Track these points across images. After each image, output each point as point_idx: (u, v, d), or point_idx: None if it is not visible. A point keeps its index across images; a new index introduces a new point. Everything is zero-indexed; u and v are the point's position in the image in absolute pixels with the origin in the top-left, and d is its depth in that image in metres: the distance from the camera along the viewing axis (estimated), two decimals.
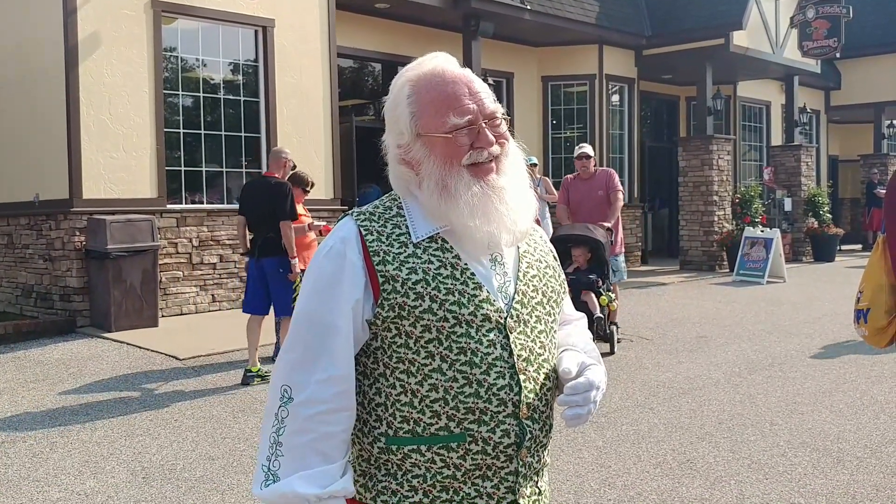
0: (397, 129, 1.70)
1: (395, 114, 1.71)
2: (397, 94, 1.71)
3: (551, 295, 1.80)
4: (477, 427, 1.63)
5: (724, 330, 9.67)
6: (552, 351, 1.76)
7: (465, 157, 1.66)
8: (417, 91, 1.68)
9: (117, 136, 9.64)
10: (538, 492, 1.75)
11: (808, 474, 4.95)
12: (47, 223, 9.83)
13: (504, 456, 1.65)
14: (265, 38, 10.86)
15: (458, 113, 1.65)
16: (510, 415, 1.64)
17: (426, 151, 1.67)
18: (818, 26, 17.64)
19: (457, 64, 1.73)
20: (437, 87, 1.67)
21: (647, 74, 17.27)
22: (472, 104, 1.67)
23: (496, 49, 14.70)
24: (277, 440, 1.63)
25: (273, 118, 10.91)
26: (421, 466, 1.64)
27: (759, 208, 16.38)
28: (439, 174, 1.66)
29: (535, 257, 1.81)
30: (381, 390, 1.66)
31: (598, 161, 15.87)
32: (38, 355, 8.21)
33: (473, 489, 1.65)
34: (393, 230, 1.68)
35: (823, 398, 6.67)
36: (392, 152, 1.73)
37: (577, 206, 9.12)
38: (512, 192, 1.69)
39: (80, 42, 9.33)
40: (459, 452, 1.63)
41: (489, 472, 1.65)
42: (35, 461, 5.33)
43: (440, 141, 1.65)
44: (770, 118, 21.13)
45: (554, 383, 1.74)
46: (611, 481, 4.86)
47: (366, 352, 1.68)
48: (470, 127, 1.66)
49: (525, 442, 1.67)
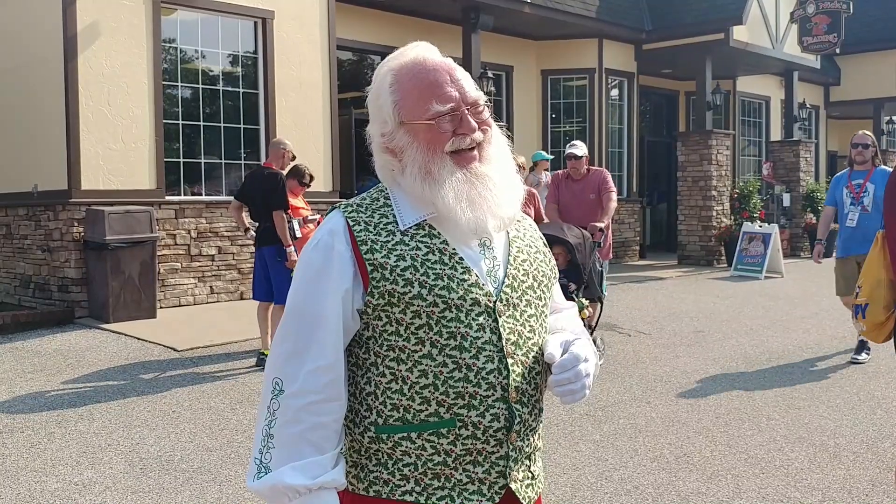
0: (381, 118, 1.72)
1: (377, 103, 1.72)
2: (380, 83, 1.72)
3: (542, 279, 1.81)
4: (466, 412, 1.64)
5: (722, 325, 9.68)
6: (542, 335, 1.77)
7: (447, 144, 1.67)
8: (399, 80, 1.70)
9: (116, 127, 9.63)
10: (531, 476, 1.76)
11: (805, 469, 4.96)
12: (46, 214, 9.83)
13: (494, 440, 1.66)
14: (265, 29, 10.84)
15: (441, 100, 1.67)
16: (499, 398, 1.65)
17: (409, 139, 1.69)
18: (818, 21, 17.62)
19: (438, 53, 1.74)
20: (419, 74, 1.69)
21: (646, 69, 17.25)
22: (454, 91, 1.68)
23: (496, 42, 14.68)
24: (269, 433, 1.63)
25: (272, 110, 10.90)
26: (412, 454, 1.65)
27: (757, 203, 16.39)
28: (423, 161, 1.67)
29: (525, 242, 1.83)
30: (372, 379, 1.67)
31: (595, 156, 15.97)
32: (36, 346, 8.21)
33: (465, 475, 1.66)
34: (380, 220, 1.69)
35: (820, 393, 6.68)
36: (376, 141, 1.74)
37: (566, 209, 8.39)
38: (496, 178, 1.70)
39: (78, 32, 9.31)
40: (450, 438, 1.64)
41: (480, 458, 1.66)
42: (33, 451, 5.34)
43: (423, 128, 1.67)
44: (769, 113, 21.12)
45: (543, 367, 1.75)
46: (608, 475, 4.87)
47: (358, 342, 1.69)
48: (452, 114, 1.67)
49: (514, 426, 1.67)
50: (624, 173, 16.71)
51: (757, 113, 21.01)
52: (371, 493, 1.69)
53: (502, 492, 1.69)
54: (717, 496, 4.54)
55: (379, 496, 1.68)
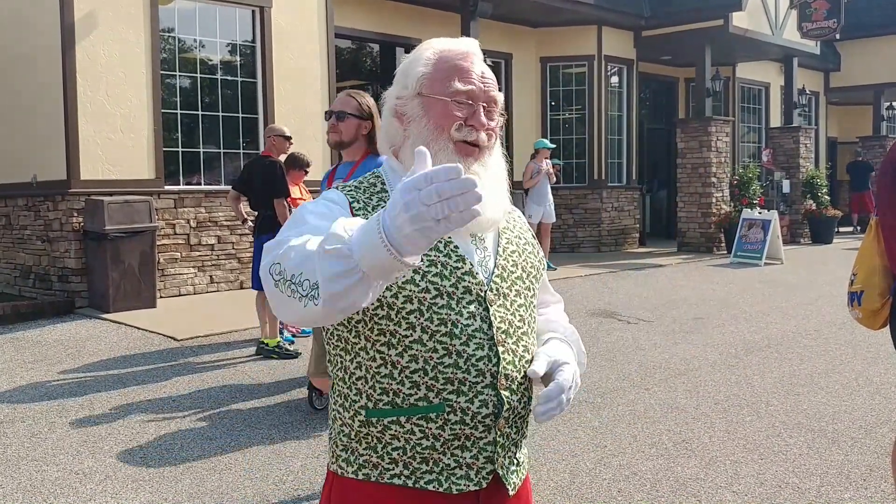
0: (403, 83, 1.76)
1: (408, 69, 1.77)
2: (420, 55, 1.77)
3: (530, 270, 1.85)
4: (455, 397, 1.65)
5: (721, 311, 9.69)
6: (531, 324, 1.81)
7: (454, 127, 1.70)
8: (438, 59, 1.75)
9: (115, 116, 9.62)
10: (516, 462, 1.79)
11: (803, 455, 4.98)
12: (45, 204, 9.83)
13: (482, 426, 1.68)
14: (262, 18, 10.82)
15: (463, 81, 1.71)
16: (488, 385, 1.67)
17: (421, 112, 1.72)
18: (818, 7, 17.57)
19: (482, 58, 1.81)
20: (455, 59, 1.74)
21: (645, 56, 17.21)
22: (479, 83, 1.74)
23: (494, 30, 14.64)
24: (292, 281, 1.44)
25: (270, 99, 10.89)
26: (400, 438, 1.67)
27: (757, 190, 16.37)
28: (426, 138, 1.70)
29: (514, 234, 1.86)
30: (362, 363, 1.69)
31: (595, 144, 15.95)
32: (36, 336, 8.23)
33: (453, 460, 1.68)
34: (378, 203, 1.71)
35: (819, 379, 6.69)
36: (390, 103, 1.78)
37: None
38: (486, 182, 1.70)
39: (76, 21, 9.29)
40: (438, 423, 1.66)
41: (468, 443, 1.68)
42: (34, 441, 5.36)
43: (438, 104, 1.70)
44: (769, 100, 21.08)
45: (532, 356, 1.78)
46: (606, 461, 4.89)
47: (346, 325, 1.69)
48: (469, 101, 1.71)
49: (503, 412, 1.69)
50: (623, 160, 16.70)
51: (756, 99, 20.97)
52: (360, 477, 1.70)
53: (489, 477, 1.71)
54: (716, 482, 4.56)
55: (368, 479, 1.70)
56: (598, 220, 15.99)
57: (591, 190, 16.02)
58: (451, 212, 1.28)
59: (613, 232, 16.27)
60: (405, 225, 1.30)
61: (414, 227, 1.30)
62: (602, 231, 16.02)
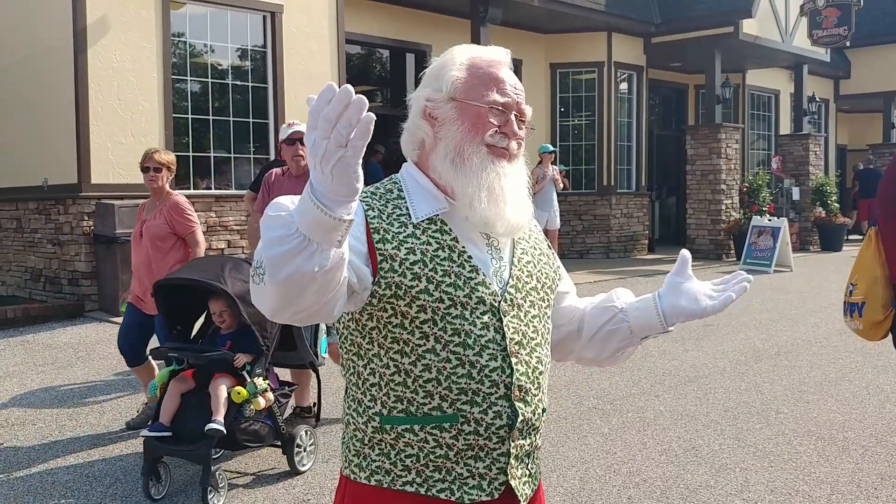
0: (435, 85, 1.76)
1: (439, 72, 1.77)
2: (451, 58, 1.78)
3: (545, 281, 1.85)
4: (469, 408, 1.65)
5: (731, 318, 9.67)
6: (545, 335, 1.81)
7: (488, 133, 1.71)
8: (472, 64, 1.76)
9: (126, 121, 9.66)
10: (528, 474, 1.78)
11: (813, 462, 4.96)
12: (56, 208, 9.87)
13: (496, 437, 1.68)
14: (273, 23, 10.85)
15: (501, 93, 1.73)
16: (502, 396, 1.67)
17: (455, 115, 1.72)
18: (828, 14, 17.55)
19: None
20: (491, 67, 1.76)
21: (655, 62, 17.21)
22: (514, 95, 1.76)
23: (504, 35, 14.64)
24: (255, 266, 1.43)
25: (281, 104, 10.92)
26: (414, 446, 1.67)
27: (766, 197, 16.35)
28: (460, 140, 1.71)
29: (530, 244, 1.86)
30: (376, 370, 1.68)
31: (604, 150, 15.95)
32: (46, 339, 8.25)
33: (465, 469, 1.68)
34: (394, 210, 1.70)
35: (829, 387, 6.67)
36: (418, 104, 1.77)
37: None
38: (513, 185, 1.74)
39: (88, 26, 9.34)
40: (452, 433, 1.65)
41: (481, 453, 1.68)
42: (45, 443, 5.38)
43: (473, 111, 1.71)
44: (779, 107, 21.05)
45: (546, 367, 1.78)
46: (616, 468, 4.88)
47: (361, 332, 1.69)
48: (504, 111, 1.73)
49: (517, 424, 1.69)
50: (633, 167, 16.69)
51: (766, 106, 20.94)
52: (372, 483, 1.70)
53: (502, 488, 1.70)
54: (726, 489, 4.55)
55: (380, 485, 1.69)
56: (608, 226, 15.98)
57: (600, 196, 16.02)
58: (350, 128, 1.29)
59: (622, 238, 16.25)
60: (321, 169, 1.31)
61: (329, 166, 1.31)
62: (611, 238, 16.00)
